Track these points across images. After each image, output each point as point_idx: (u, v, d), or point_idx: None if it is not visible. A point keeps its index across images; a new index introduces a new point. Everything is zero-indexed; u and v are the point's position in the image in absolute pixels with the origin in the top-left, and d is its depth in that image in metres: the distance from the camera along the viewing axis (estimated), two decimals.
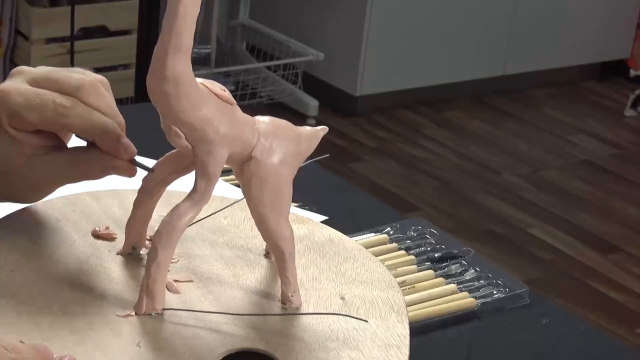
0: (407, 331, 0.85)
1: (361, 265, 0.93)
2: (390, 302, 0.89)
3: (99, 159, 0.85)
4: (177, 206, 0.79)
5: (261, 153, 0.81)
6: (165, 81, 0.76)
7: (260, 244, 0.92)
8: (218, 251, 0.90)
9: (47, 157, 0.86)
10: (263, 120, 0.84)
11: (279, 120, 0.85)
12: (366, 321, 0.84)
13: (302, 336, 0.82)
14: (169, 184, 0.85)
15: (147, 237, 0.88)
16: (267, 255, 0.91)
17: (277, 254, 0.84)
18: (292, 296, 0.84)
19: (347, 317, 0.84)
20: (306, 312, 0.84)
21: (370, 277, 0.92)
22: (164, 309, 0.80)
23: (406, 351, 0.83)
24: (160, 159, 0.84)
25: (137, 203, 0.85)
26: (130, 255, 0.87)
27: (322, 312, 0.85)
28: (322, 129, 0.91)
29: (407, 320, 0.87)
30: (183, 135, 0.78)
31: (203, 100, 0.78)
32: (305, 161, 0.90)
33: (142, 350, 0.76)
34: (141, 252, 0.87)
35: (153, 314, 0.79)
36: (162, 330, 0.78)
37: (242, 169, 0.82)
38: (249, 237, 0.94)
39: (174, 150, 0.83)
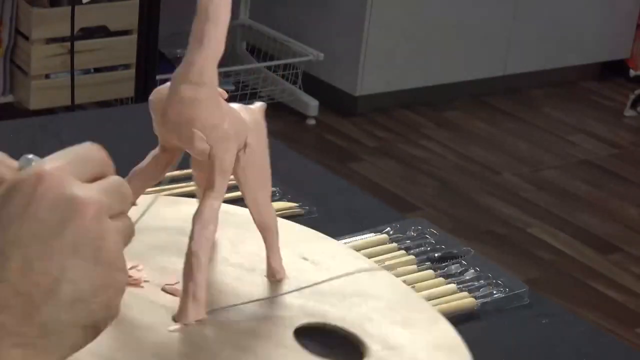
0: (395, 278, 0.89)
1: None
2: (351, 253, 0.92)
3: None
4: (200, 211, 0.79)
5: (252, 139, 0.84)
6: (203, 87, 0.77)
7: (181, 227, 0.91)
8: (160, 243, 0.89)
9: None
10: (235, 106, 0.85)
11: (241, 104, 0.87)
12: (381, 269, 0.89)
13: (333, 301, 0.85)
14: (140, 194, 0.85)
15: None
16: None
17: (267, 231, 0.86)
18: (280, 269, 0.87)
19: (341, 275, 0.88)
20: (336, 275, 0.87)
21: (301, 237, 0.93)
22: (207, 312, 0.80)
23: (417, 292, 0.87)
24: (128, 178, 0.82)
25: None
26: None
27: (347, 272, 0.88)
28: (262, 104, 0.91)
29: (379, 266, 0.91)
30: (204, 138, 0.79)
31: (219, 100, 0.80)
32: None
33: (233, 352, 0.76)
34: None
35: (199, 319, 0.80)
36: (227, 330, 0.79)
37: (238, 157, 0.83)
38: (167, 220, 0.93)
39: (141, 165, 0.83)
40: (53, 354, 0.62)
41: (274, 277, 0.87)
